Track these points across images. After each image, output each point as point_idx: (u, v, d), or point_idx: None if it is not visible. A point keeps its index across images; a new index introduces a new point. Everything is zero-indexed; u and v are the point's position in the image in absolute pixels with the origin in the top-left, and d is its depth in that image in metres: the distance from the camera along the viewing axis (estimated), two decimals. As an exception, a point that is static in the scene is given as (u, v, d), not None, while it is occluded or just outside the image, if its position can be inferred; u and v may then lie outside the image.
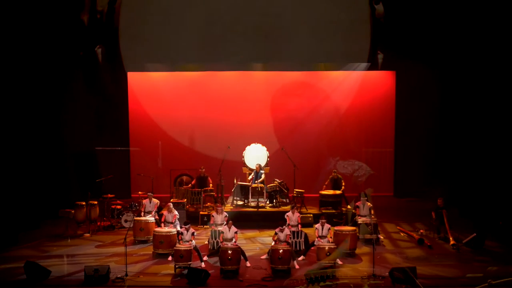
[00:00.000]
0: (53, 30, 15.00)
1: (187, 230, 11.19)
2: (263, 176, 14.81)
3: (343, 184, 14.92)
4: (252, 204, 14.57)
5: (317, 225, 11.63)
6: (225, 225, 11.72)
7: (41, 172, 14.84)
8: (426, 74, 16.00)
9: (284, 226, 11.53)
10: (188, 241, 11.09)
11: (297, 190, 14.75)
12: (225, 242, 11.16)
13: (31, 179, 14.42)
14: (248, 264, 11.04)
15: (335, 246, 11.01)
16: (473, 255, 11.77)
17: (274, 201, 14.61)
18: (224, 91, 17.14)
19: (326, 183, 15.04)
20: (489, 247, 12.23)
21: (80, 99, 16.13)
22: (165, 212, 12.57)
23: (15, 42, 14.16)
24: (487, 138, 14.54)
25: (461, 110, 15.57)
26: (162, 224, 12.44)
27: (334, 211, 14.13)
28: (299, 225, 12.15)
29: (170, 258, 11.39)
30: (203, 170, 15.17)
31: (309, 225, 13.55)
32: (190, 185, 15.10)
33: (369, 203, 12.88)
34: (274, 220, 12.96)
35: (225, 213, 12.35)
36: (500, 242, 12.56)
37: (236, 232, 11.40)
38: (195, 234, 11.35)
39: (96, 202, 14.06)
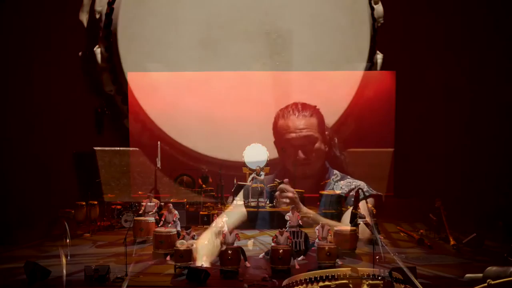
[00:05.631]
0: (51, 31, 15.03)
1: (188, 234, 11.17)
2: (263, 176, 14.79)
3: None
4: (252, 204, 14.58)
5: (317, 227, 11.60)
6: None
7: (41, 172, 14.85)
8: (425, 74, 16.00)
9: (284, 229, 11.50)
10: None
11: (297, 190, 14.74)
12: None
13: (31, 179, 14.43)
14: (248, 264, 11.03)
15: (335, 247, 11.01)
16: (473, 255, 11.78)
17: (274, 201, 14.62)
18: (224, 91, 17.11)
19: (323, 182, 15.10)
20: (489, 247, 12.25)
21: (80, 99, 16.12)
22: (165, 213, 12.56)
23: (14, 41, 14.19)
24: (487, 137, 14.54)
25: (461, 109, 15.57)
26: (161, 223, 12.46)
27: (334, 211, 14.15)
28: (299, 225, 12.17)
29: (168, 258, 11.41)
30: (206, 170, 15.22)
31: (309, 225, 13.54)
32: (202, 186, 15.07)
33: (369, 204, 12.86)
34: (274, 220, 13.00)
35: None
36: (500, 242, 12.57)
37: (237, 234, 11.38)
38: (196, 237, 11.32)
39: (96, 202, 14.06)
